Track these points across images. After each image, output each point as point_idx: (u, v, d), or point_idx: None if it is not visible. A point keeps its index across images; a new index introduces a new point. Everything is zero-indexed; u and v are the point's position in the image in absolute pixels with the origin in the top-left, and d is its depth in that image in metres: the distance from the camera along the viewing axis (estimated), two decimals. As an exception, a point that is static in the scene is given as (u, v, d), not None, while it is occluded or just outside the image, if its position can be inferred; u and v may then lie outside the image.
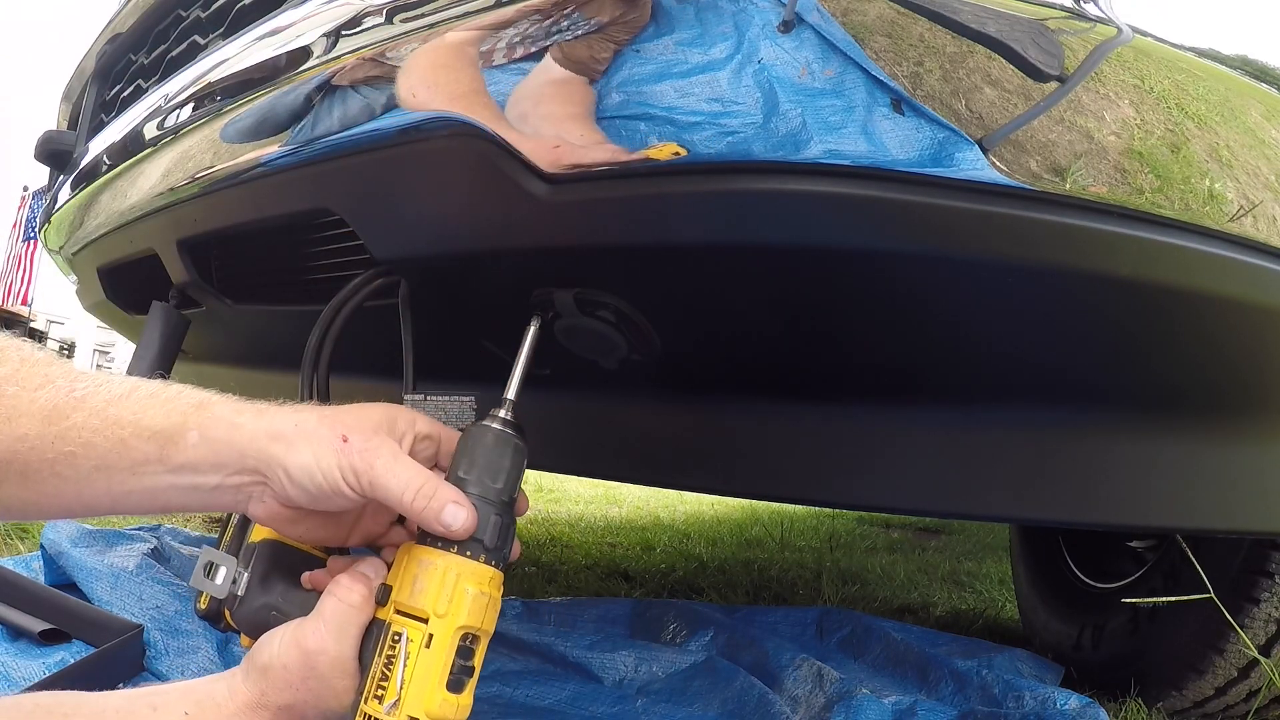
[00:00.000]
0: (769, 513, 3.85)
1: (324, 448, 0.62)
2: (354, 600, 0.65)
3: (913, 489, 0.83)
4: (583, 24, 0.63)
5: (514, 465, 0.68)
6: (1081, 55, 0.61)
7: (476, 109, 0.68)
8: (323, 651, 0.63)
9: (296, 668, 0.63)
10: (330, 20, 0.82)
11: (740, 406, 0.90)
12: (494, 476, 0.67)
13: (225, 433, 0.63)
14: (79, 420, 0.61)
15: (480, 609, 0.65)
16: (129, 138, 1.16)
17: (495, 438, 0.68)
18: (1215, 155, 0.66)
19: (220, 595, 0.70)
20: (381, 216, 0.83)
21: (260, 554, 0.72)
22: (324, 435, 0.63)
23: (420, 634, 0.63)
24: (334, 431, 0.63)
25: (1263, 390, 0.80)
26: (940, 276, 0.66)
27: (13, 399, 0.60)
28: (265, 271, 1.18)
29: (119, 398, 0.63)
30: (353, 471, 0.62)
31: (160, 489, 0.63)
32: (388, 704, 0.62)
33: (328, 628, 0.64)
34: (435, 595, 0.63)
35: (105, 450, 0.61)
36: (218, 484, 0.64)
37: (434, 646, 0.63)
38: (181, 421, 0.63)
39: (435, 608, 0.63)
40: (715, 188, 0.63)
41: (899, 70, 0.58)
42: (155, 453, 0.62)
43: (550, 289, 0.78)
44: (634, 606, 1.62)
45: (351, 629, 0.64)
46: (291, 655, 0.64)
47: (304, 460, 0.62)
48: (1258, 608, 1.21)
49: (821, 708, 1.19)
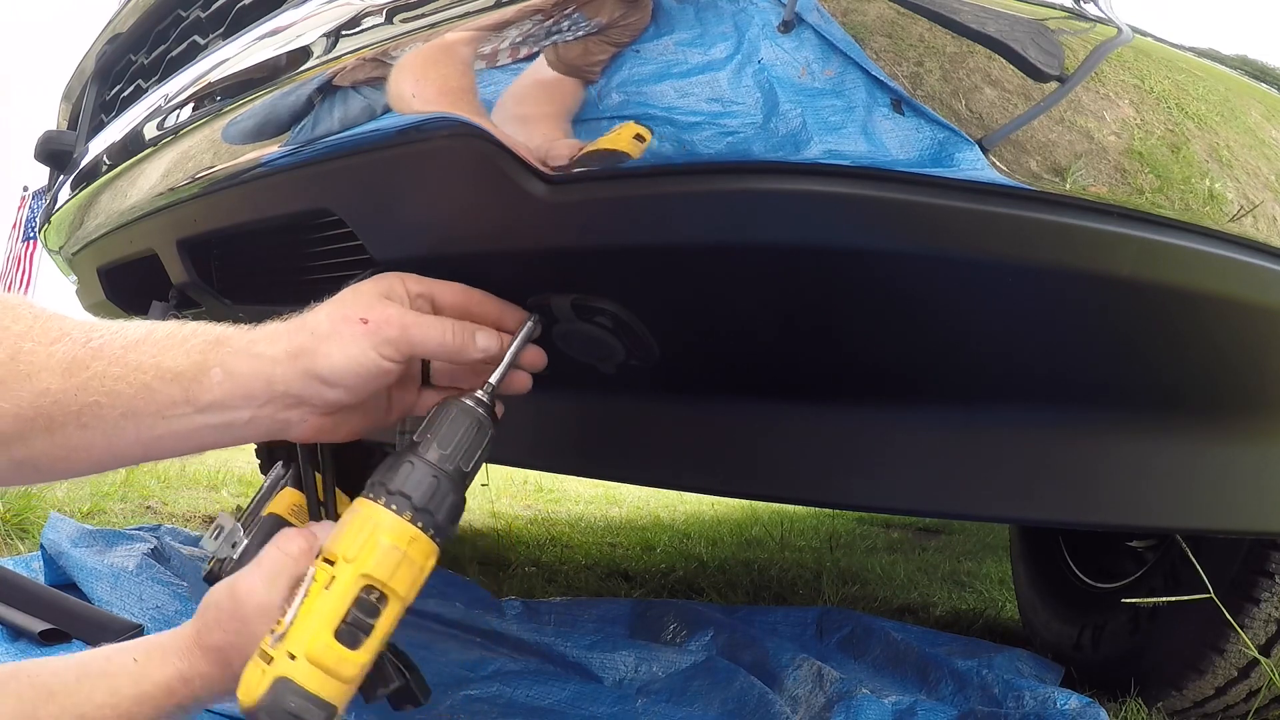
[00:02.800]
0: (769, 513, 3.85)
1: (349, 339, 0.64)
2: (291, 550, 0.66)
3: (913, 489, 0.83)
4: (584, 24, 0.63)
5: (473, 442, 0.68)
6: (1081, 55, 0.61)
7: (474, 110, 0.68)
8: (251, 594, 0.64)
9: (227, 608, 0.65)
10: (330, 20, 0.82)
11: (740, 407, 0.90)
12: (450, 446, 0.67)
13: (248, 364, 0.63)
14: (99, 369, 0.61)
15: (391, 564, 0.63)
16: (129, 138, 1.16)
17: (462, 412, 0.68)
18: (1215, 155, 0.66)
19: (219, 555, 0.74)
20: (381, 217, 0.83)
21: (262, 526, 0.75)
22: (344, 329, 0.64)
23: (326, 575, 0.63)
24: (350, 321, 0.65)
25: (1263, 390, 0.80)
26: (940, 277, 0.66)
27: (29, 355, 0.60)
28: (265, 272, 1.18)
29: (135, 342, 0.63)
30: (388, 344, 0.64)
31: (192, 430, 0.64)
32: (275, 635, 0.62)
33: (261, 573, 0.65)
34: (349, 540, 0.63)
35: (130, 396, 0.61)
36: (251, 416, 0.64)
37: (333, 589, 0.62)
38: (201, 360, 0.63)
39: (345, 552, 0.63)
40: (715, 188, 0.63)
41: (899, 70, 0.58)
42: (181, 394, 0.62)
43: (548, 294, 0.78)
44: (634, 606, 1.62)
45: (283, 578, 0.65)
46: (223, 596, 0.65)
47: (336, 361, 0.63)
48: (1258, 608, 1.21)
49: (821, 708, 1.19)
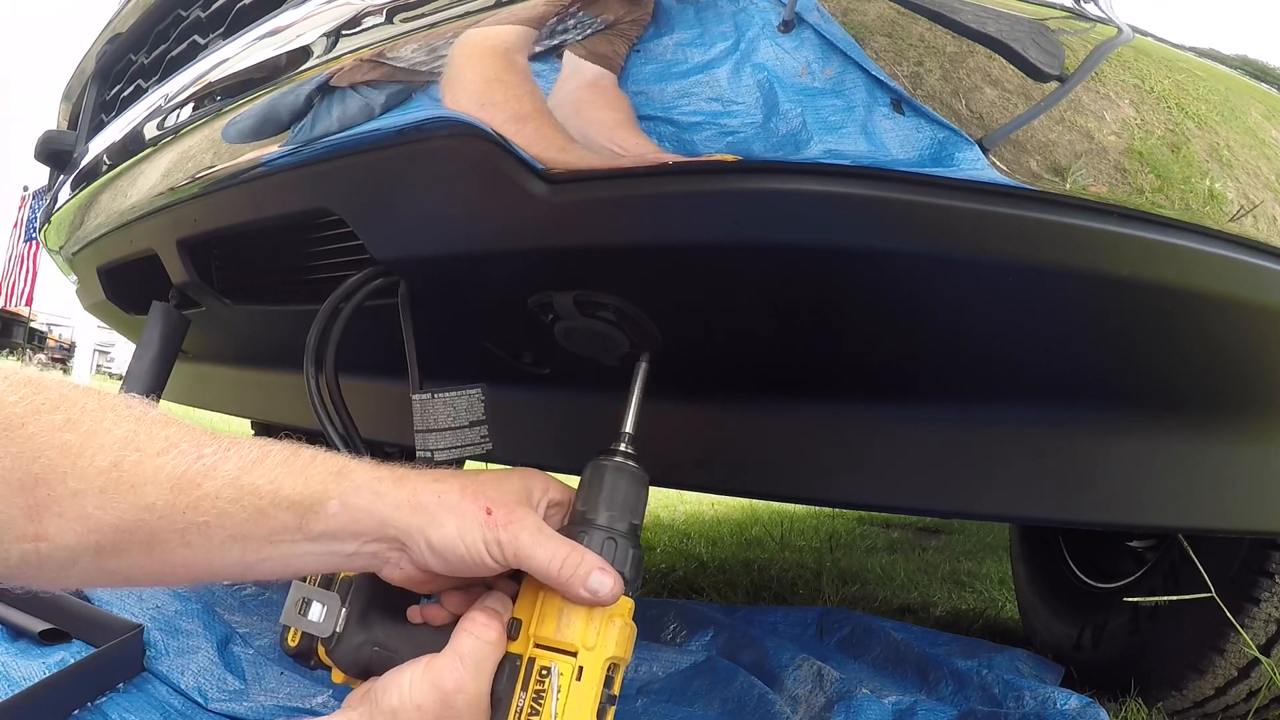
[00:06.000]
0: (769, 513, 3.85)
1: (468, 521, 0.63)
2: (490, 637, 0.64)
3: (913, 489, 0.83)
4: (589, 23, 0.63)
5: (639, 496, 0.70)
6: (1082, 55, 0.61)
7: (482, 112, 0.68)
8: (461, 690, 0.62)
9: (432, 707, 0.62)
10: (330, 20, 0.82)
11: (740, 406, 0.90)
12: (622, 510, 0.68)
13: (367, 502, 0.62)
14: (211, 489, 0.59)
15: (625, 639, 0.67)
16: (129, 138, 1.16)
17: (617, 471, 0.69)
18: (1215, 155, 0.66)
19: (323, 634, 0.69)
20: (381, 217, 0.83)
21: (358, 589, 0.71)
22: (468, 508, 0.63)
23: (570, 667, 0.63)
24: (477, 504, 0.64)
25: (1263, 390, 0.80)
26: (940, 276, 0.66)
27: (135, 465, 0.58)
28: (265, 271, 1.18)
29: (252, 464, 0.61)
30: (498, 545, 0.63)
31: (296, 555, 0.62)
32: None
33: (465, 665, 0.63)
34: (583, 629, 0.64)
35: (242, 520, 0.60)
36: (355, 551, 0.63)
37: (585, 679, 0.63)
38: (322, 490, 0.62)
39: (584, 641, 0.64)
40: (715, 187, 0.63)
41: (899, 70, 0.58)
42: (294, 522, 0.61)
43: (549, 292, 0.78)
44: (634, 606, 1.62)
45: (488, 665, 0.64)
46: (427, 695, 0.62)
47: (448, 534, 0.62)
48: (1258, 607, 1.21)
49: (822, 708, 1.19)
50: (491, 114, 0.68)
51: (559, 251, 0.73)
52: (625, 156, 0.64)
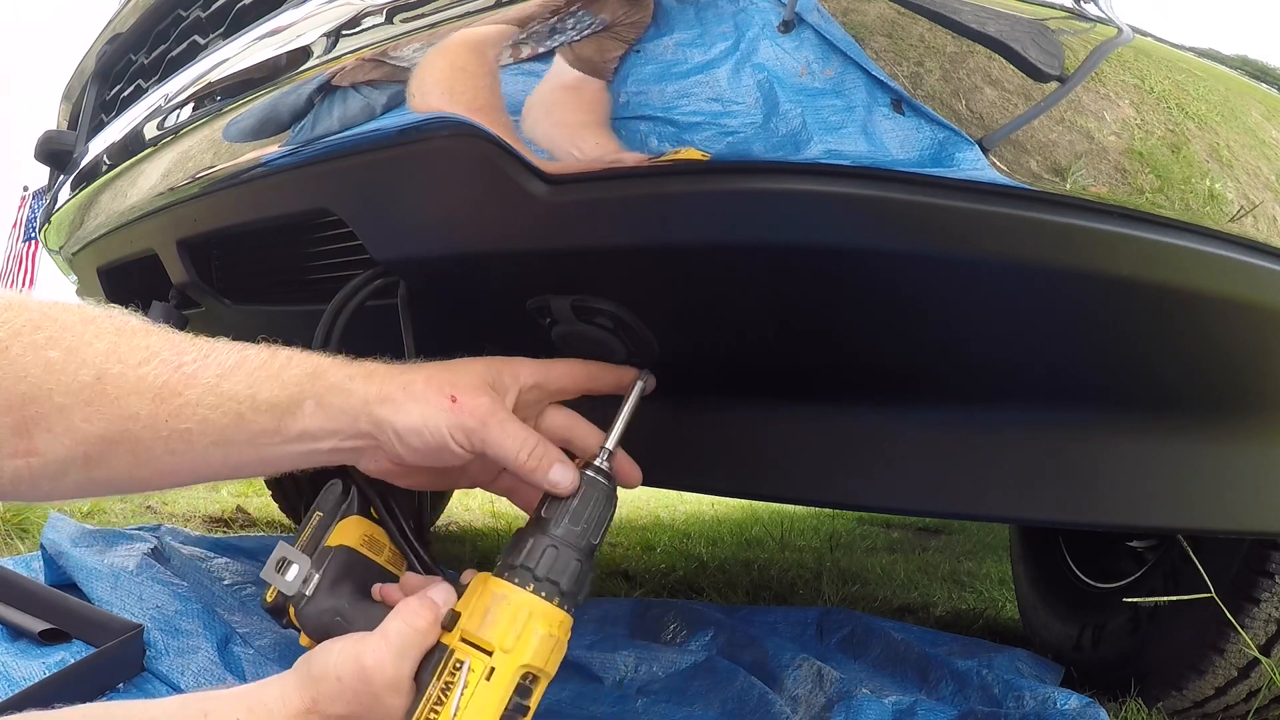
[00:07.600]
0: (769, 513, 3.85)
1: (432, 409, 0.64)
2: (419, 625, 0.65)
3: (913, 489, 0.83)
4: (588, 24, 0.63)
5: (601, 513, 0.69)
6: (1082, 55, 0.61)
7: (482, 113, 0.68)
8: (380, 669, 0.63)
9: (351, 681, 0.63)
10: (330, 20, 0.82)
11: (739, 407, 0.90)
12: (578, 521, 0.68)
13: (339, 399, 0.64)
14: (193, 397, 0.61)
15: (546, 650, 0.65)
16: (129, 138, 1.16)
17: (590, 486, 0.69)
18: (1215, 155, 0.66)
19: (289, 592, 0.71)
20: (381, 217, 0.83)
21: (335, 559, 0.72)
22: (432, 397, 0.64)
23: (483, 665, 0.63)
24: (441, 392, 0.65)
25: (1263, 390, 0.80)
26: (940, 276, 0.66)
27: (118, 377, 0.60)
28: (265, 272, 1.18)
29: (230, 370, 0.63)
30: (462, 430, 0.64)
31: (276, 456, 0.65)
32: None
33: (389, 647, 0.64)
34: (504, 629, 0.64)
35: (223, 426, 0.62)
36: (332, 447, 0.65)
37: (494, 680, 0.63)
38: (298, 392, 0.64)
39: (502, 642, 0.63)
40: (715, 188, 0.63)
41: (899, 70, 0.58)
42: (273, 425, 0.63)
43: (547, 295, 0.78)
44: (634, 606, 1.62)
45: (413, 651, 0.64)
46: (348, 668, 0.63)
47: (413, 422, 0.64)
48: (1258, 607, 1.21)
49: (822, 708, 1.19)
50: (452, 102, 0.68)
51: (558, 253, 0.73)
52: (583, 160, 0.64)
